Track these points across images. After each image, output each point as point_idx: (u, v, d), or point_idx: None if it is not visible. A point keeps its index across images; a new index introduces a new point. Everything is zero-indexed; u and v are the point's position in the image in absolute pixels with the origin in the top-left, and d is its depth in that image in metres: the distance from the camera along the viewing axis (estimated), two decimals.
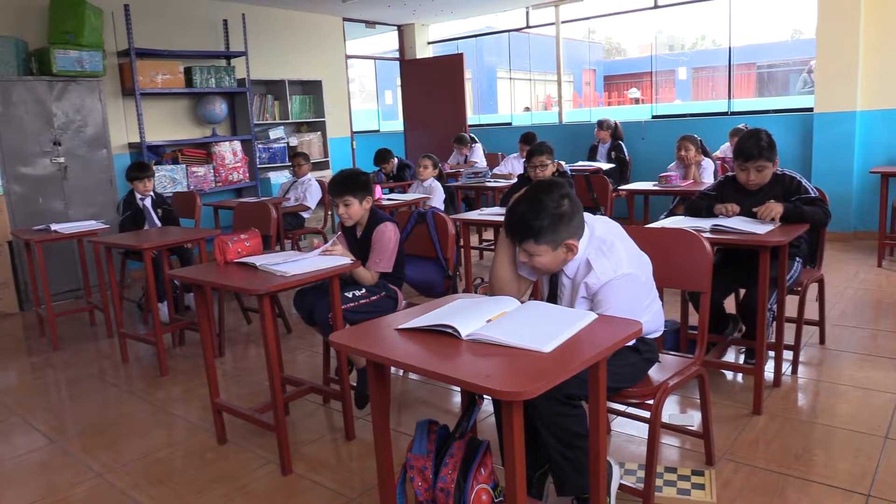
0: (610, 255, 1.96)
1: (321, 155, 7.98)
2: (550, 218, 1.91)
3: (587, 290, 1.96)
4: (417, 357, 1.63)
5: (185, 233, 4.23)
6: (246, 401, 3.29)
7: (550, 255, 1.96)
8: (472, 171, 6.40)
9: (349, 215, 2.98)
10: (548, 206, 1.92)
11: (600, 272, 1.94)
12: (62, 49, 5.50)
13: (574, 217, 1.95)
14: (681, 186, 4.84)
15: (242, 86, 6.90)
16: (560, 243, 1.95)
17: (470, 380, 1.41)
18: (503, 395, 1.33)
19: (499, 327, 1.67)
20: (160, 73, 6.26)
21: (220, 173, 6.74)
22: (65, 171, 5.62)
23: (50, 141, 5.54)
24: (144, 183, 4.76)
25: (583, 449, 1.86)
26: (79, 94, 5.68)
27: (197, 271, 2.89)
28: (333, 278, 2.65)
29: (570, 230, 1.95)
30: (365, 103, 22.02)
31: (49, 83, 5.52)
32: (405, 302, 3.13)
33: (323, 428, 3.03)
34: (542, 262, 1.98)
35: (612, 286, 1.93)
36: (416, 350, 1.68)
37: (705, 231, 2.82)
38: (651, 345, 2.14)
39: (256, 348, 4.22)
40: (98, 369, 4.01)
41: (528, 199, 1.96)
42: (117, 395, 3.57)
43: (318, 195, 6.17)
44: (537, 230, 1.92)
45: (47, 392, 3.69)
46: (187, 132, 6.82)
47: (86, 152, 5.74)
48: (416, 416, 2.97)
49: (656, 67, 24.85)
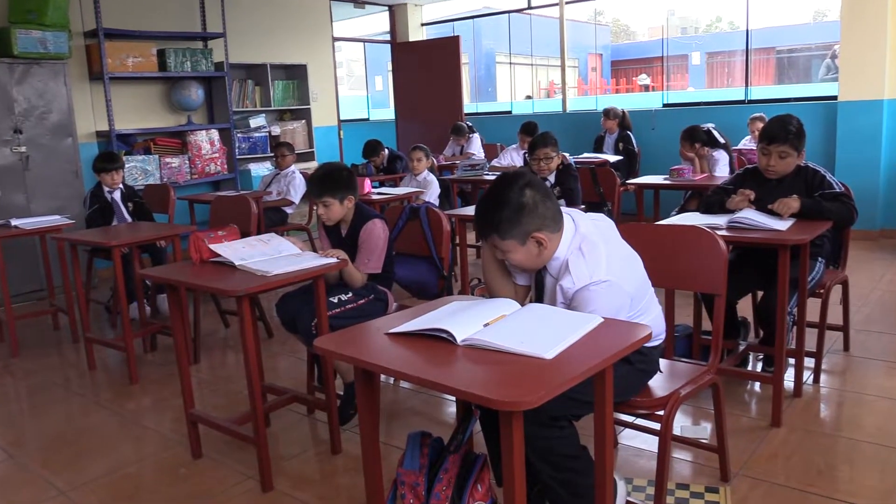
0: (589, 257, 1.92)
1: (306, 145, 7.96)
2: (510, 209, 1.89)
3: (563, 295, 1.94)
4: (409, 364, 1.63)
5: (158, 229, 4.21)
6: (223, 411, 3.28)
7: (520, 251, 1.94)
8: (468, 163, 6.39)
9: (329, 216, 2.98)
10: (508, 197, 1.90)
11: (576, 276, 1.90)
12: (24, 29, 5.46)
13: (538, 207, 1.91)
14: (694, 180, 4.85)
15: (220, 70, 6.89)
16: (528, 237, 1.92)
17: (466, 388, 1.41)
18: (502, 404, 1.32)
19: (497, 332, 1.67)
20: (131, 56, 6.24)
21: (196, 164, 6.72)
22: (26, 161, 5.59)
23: (10, 128, 5.51)
24: (112, 175, 4.74)
25: (576, 470, 1.86)
26: (42, 78, 5.65)
27: (170, 271, 2.88)
28: (318, 279, 2.64)
29: (536, 222, 1.91)
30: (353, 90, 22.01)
31: (9, 66, 5.48)
32: (396, 304, 3.13)
33: (307, 441, 3.02)
34: (516, 259, 1.97)
35: (587, 293, 1.88)
36: (408, 356, 1.67)
37: (720, 228, 2.82)
38: (647, 354, 2.10)
39: (235, 354, 4.20)
40: (62, 377, 3.99)
41: (488, 193, 1.95)
42: (83, 406, 3.55)
43: (303, 189, 6.15)
44: (497, 223, 1.90)
45: (5, 402, 3.67)
46: (160, 120, 6.80)
47: (49, 141, 5.71)
48: (407, 428, 2.97)
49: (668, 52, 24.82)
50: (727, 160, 5.26)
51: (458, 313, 1.83)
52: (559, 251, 1.96)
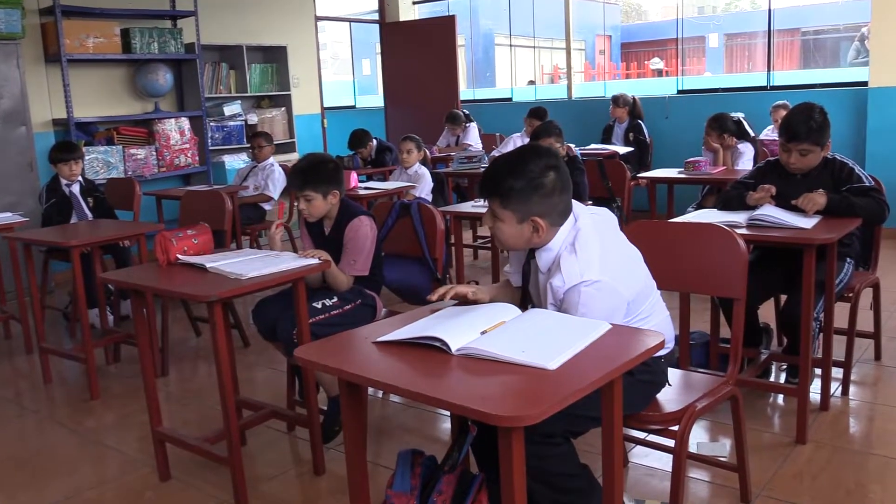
0: (581, 255, 1.95)
1: (286, 135, 7.95)
2: (526, 183, 1.93)
3: (553, 296, 1.95)
4: (399, 375, 1.64)
5: (122, 227, 4.20)
6: (194, 429, 3.27)
7: (514, 227, 1.97)
8: (465, 154, 6.40)
9: (310, 212, 2.98)
10: (529, 169, 1.94)
11: (566, 275, 1.93)
12: None
13: (553, 195, 1.95)
14: (712, 174, 4.86)
15: (191, 52, 6.87)
16: (528, 218, 1.95)
17: (462, 402, 1.41)
18: (501, 420, 1.33)
19: (495, 340, 1.67)
20: (91, 36, 6.21)
21: (164, 156, 6.71)
22: None
23: None
24: (70, 166, 4.73)
25: (576, 490, 1.86)
26: None
27: (135, 274, 2.88)
28: (299, 282, 2.64)
29: (543, 207, 1.95)
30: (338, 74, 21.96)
31: None
32: (385, 310, 3.13)
33: (286, 460, 3.02)
34: (503, 230, 1.99)
35: (577, 294, 1.90)
36: (398, 367, 1.68)
37: (740, 226, 2.83)
38: (651, 364, 2.09)
39: (207, 366, 4.19)
40: (14, 392, 3.98)
41: (511, 156, 1.99)
42: (38, 423, 3.53)
43: (282, 183, 6.15)
44: (506, 190, 1.94)
45: None
46: (124, 107, 6.78)
47: (0, 130, 5.70)
48: (397, 447, 2.95)
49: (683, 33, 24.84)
50: (752, 154, 5.26)
51: (452, 320, 1.84)
52: (553, 243, 2.00)
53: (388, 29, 9.68)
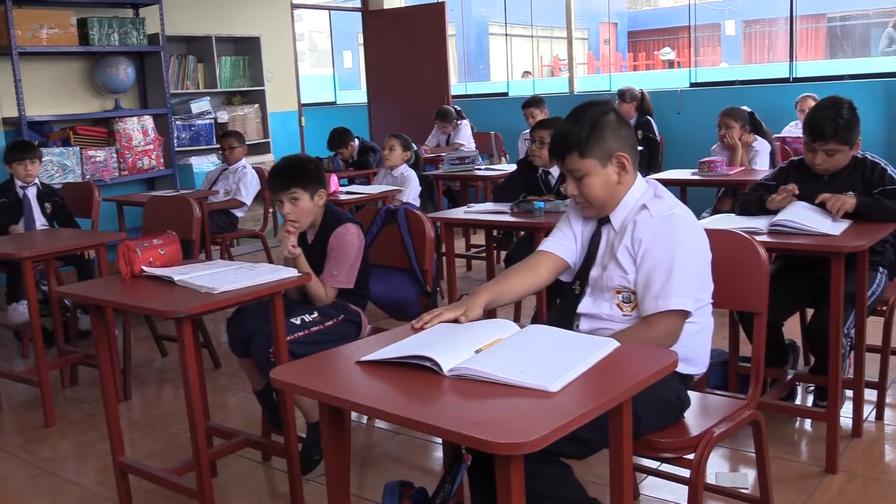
0: (667, 196, 2.20)
1: (259, 135, 7.96)
2: (594, 124, 2.13)
3: (632, 238, 2.13)
4: (385, 399, 1.64)
5: (80, 236, 4.20)
6: (159, 459, 3.26)
7: (601, 173, 2.15)
8: (456, 155, 6.42)
9: (297, 215, 2.96)
10: (590, 114, 2.15)
11: (654, 209, 2.14)
12: None
13: (621, 128, 2.18)
14: (729, 175, 4.88)
15: (155, 43, 6.87)
16: (611, 157, 2.15)
17: (454, 428, 1.42)
18: (499, 447, 1.33)
19: (491, 359, 1.68)
20: (45, 27, 6.21)
21: (126, 158, 6.71)
22: None
23: None
24: (25, 165, 4.75)
25: None
26: None
27: (94, 287, 2.88)
28: (275, 296, 2.65)
29: (619, 141, 2.16)
30: (317, 67, 22.02)
31: None
32: (370, 327, 3.13)
33: (262, 493, 3.01)
34: (592, 184, 2.16)
35: (674, 220, 2.11)
36: (384, 390, 1.68)
37: (761, 233, 2.85)
38: (677, 380, 2.14)
39: (174, 389, 4.19)
40: None
41: (570, 114, 2.20)
42: None
43: (256, 187, 6.15)
44: (579, 139, 2.13)
45: None
46: (81, 104, 6.77)
47: None
48: (384, 478, 2.95)
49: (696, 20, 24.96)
50: (769, 151, 5.29)
51: (444, 338, 1.84)
52: (629, 195, 2.20)
53: (371, 17, 9.71)
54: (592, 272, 2.23)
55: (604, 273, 2.19)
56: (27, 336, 4.65)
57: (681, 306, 2.07)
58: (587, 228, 2.30)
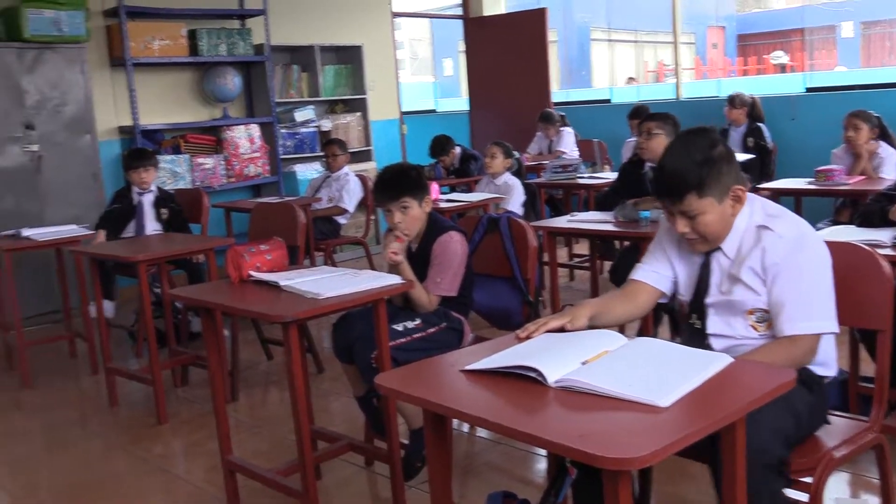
0: (785, 214, 2.14)
1: (361, 143, 8.06)
2: (707, 160, 2.06)
3: (762, 263, 2.07)
4: (490, 408, 1.65)
5: (190, 241, 4.34)
6: (265, 459, 3.34)
7: (717, 210, 2.08)
8: (559, 163, 6.38)
9: (407, 223, 2.99)
10: (703, 147, 2.08)
11: (780, 229, 2.08)
12: (35, 8, 5.67)
13: (732, 159, 2.12)
14: (848, 184, 4.70)
15: (260, 53, 7.04)
16: (727, 192, 2.09)
17: (560, 440, 1.41)
18: (608, 462, 1.32)
19: (598, 371, 1.67)
20: (157, 38, 6.43)
21: (234, 166, 6.89)
22: (39, 161, 5.85)
23: (20, 124, 5.77)
24: (140, 173, 4.94)
25: None
26: (56, 66, 5.89)
27: (205, 291, 2.98)
28: (379, 303, 2.69)
29: (733, 174, 2.10)
30: (417, 75, 22.27)
31: (19, 51, 5.73)
32: (472, 335, 3.15)
33: (364, 497, 3.06)
34: (707, 222, 2.09)
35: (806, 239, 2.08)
36: (488, 399, 1.69)
37: (884, 246, 2.75)
38: (822, 387, 2.17)
39: (279, 392, 4.30)
40: (79, 414, 4.16)
41: (676, 148, 2.13)
42: (103, 448, 3.69)
43: (358, 194, 6.25)
44: (699, 178, 2.04)
45: (14, 441, 3.85)
46: (191, 113, 7.00)
47: (65, 139, 5.97)
48: (485, 488, 2.96)
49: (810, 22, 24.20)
50: (895, 159, 5.06)
51: (549, 348, 1.84)
52: (738, 221, 2.14)
53: (472, 24, 9.75)
54: (709, 300, 2.19)
55: (729, 297, 2.15)
56: (141, 336, 4.85)
57: (826, 329, 2.07)
58: (690, 258, 2.24)
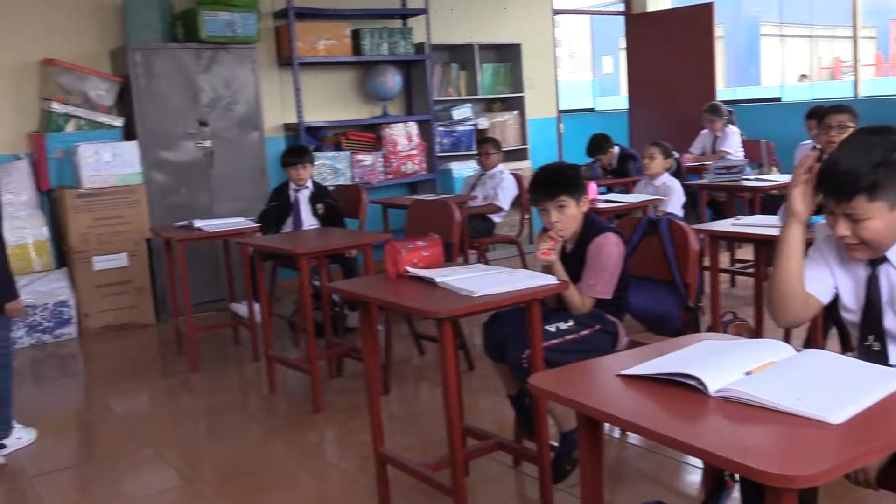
0: None
1: (518, 141, 8.09)
2: (885, 161, 1.90)
3: None
4: (645, 414, 1.62)
5: (348, 236, 4.49)
6: (415, 453, 3.39)
7: (885, 217, 1.93)
8: (722, 164, 6.17)
9: (564, 223, 2.99)
10: (883, 147, 1.92)
11: None
12: (212, 10, 6.01)
13: None
14: None
15: (421, 52, 7.19)
16: None
17: (720, 452, 1.38)
18: (773, 479, 1.28)
19: (763, 383, 1.62)
20: (322, 38, 6.68)
21: (391, 163, 7.07)
22: (211, 156, 6.21)
23: (195, 121, 6.14)
24: (297, 170, 5.14)
25: None
26: (228, 65, 6.23)
27: (362, 285, 3.08)
28: (533, 303, 2.69)
29: None
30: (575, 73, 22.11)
31: (196, 51, 6.09)
32: (627, 339, 3.11)
33: (511, 497, 3.09)
34: (873, 228, 1.94)
35: None
36: (644, 405, 1.67)
37: None
38: None
39: (430, 387, 4.39)
40: (241, 399, 4.40)
41: (852, 145, 1.98)
42: (261, 433, 3.89)
43: (513, 192, 6.27)
44: (872, 181, 1.90)
45: (182, 422, 4.12)
46: (353, 111, 7.24)
47: (235, 135, 6.31)
48: (636, 496, 2.92)
49: None
50: None
51: (710, 357, 1.79)
52: None
53: (634, 21, 9.60)
54: (887, 322, 2.06)
55: None
56: (300, 327, 5.06)
57: None
58: (853, 269, 2.11)
